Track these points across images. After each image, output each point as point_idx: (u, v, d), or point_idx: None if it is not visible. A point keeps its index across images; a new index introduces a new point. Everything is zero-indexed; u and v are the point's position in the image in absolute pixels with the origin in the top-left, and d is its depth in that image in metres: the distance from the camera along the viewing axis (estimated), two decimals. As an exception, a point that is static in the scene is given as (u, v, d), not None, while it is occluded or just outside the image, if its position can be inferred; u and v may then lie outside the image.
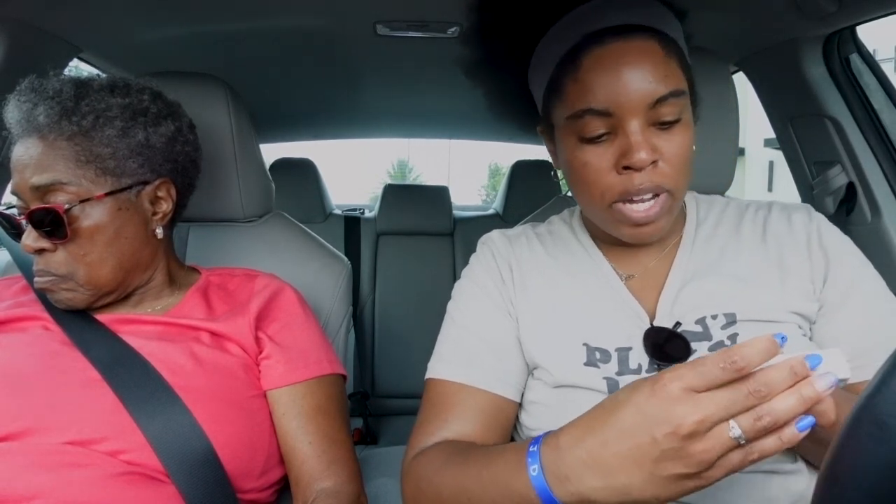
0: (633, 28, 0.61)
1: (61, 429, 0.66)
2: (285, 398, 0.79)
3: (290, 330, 0.83)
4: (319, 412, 0.80)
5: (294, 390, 0.79)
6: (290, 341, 0.82)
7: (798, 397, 0.40)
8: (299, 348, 0.82)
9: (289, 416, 0.78)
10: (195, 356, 0.75)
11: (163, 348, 0.74)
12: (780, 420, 0.40)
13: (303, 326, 0.85)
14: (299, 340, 0.83)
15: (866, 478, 0.31)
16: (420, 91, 1.79)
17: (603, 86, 0.60)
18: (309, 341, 0.84)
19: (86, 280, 0.75)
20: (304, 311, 0.87)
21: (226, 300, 0.85)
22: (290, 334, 0.83)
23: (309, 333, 0.85)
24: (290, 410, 0.79)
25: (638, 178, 0.61)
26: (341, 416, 0.83)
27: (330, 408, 0.81)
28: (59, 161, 0.71)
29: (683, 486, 0.43)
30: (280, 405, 0.79)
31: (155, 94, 0.80)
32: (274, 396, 0.79)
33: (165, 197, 0.80)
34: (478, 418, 0.68)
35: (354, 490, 0.78)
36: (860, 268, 0.68)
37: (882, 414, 0.31)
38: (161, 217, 0.80)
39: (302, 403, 0.79)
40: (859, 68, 1.18)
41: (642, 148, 0.60)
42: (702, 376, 0.42)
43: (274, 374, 0.80)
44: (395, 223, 2.20)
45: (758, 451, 0.42)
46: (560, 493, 0.48)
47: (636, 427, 0.44)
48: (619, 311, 0.70)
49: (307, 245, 1.06)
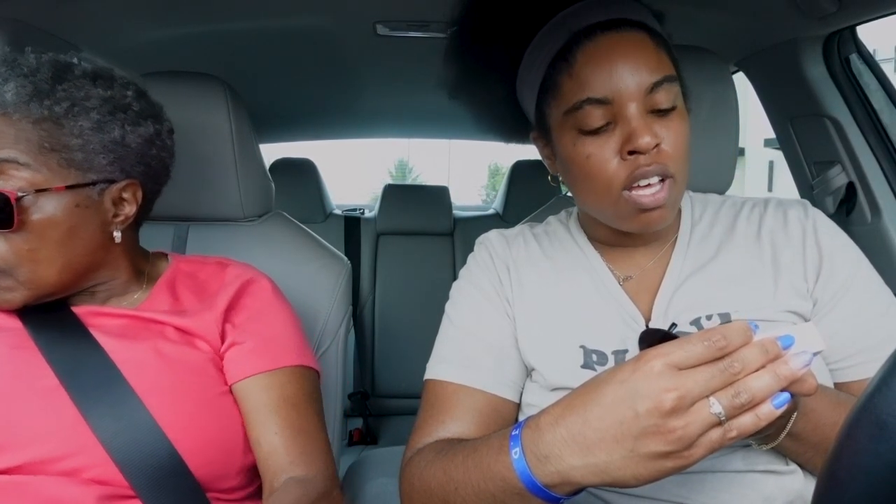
0: (621, 22, 0.63)
1: (14, 449, 0.61)
2: (250, 388, 0.75)
3: (258, 320, 0.79)
4: (286, 403, 0.75)
5: (258, 380, 0.75)
6: (257, 331, 0.78)
7: (773, 375, 0.42)
8: (266, 338, 0.78)
9: (254, 406, 0.74)
10: (161, 354, 0.71)
11: (128, 346, 0.70)
12: (757, 397, 0.42)
13: (274, 317, 0.80)
14: (267, 330, 0.79)
15: (866, 478, 0.31)
16: (420, 91, 1.79)
17: (599, 76, 0.61)
18: (278, 332, 0.80)
19: (27, 279, 0.68)
20: (277, 301, 0.83)
21: (195, 291, 0.80)
22: (257, 324, 0.78)
23: (279, 324, 0.80)
24: (256, 401, 0.74)
25: (644, 161, 0.61)
26: (312, 409, 0.78)
27: (299, 399, 0.77)
28: (21, 141, 0.65)
29: (662, 466, 0.43)
30: (245, 397, 0.74)
31: (140, 91, 0.76)
32: (238, 389, 0.75)
33: (130, 199, 0.74)
34: (476, 419, 0.68)
35: (325, 483, 0.73)
36: (856, 264, 0.68)
37: (882, 414, 0.31)
38: (122, 220, 0.74)
39: (268, 393, 0.75)
40: (859, 68, 1.18)
41: (645, 131, 0.60)
42: (685, 353, 0.43)
43: (238, 365, 0.75)
44: (395, 223, 2.19)
45: (736, 428, 0.42)
46: (540, 474, 0.48)
47: (618, 402, 0.44)
48: (615, 313, 0.70)
49: (307, 245, 1.06)
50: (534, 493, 0.49)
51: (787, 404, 0.43)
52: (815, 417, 0.55)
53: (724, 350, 0.42)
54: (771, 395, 0.42)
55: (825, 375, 0.65)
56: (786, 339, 0.43)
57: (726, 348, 0.42)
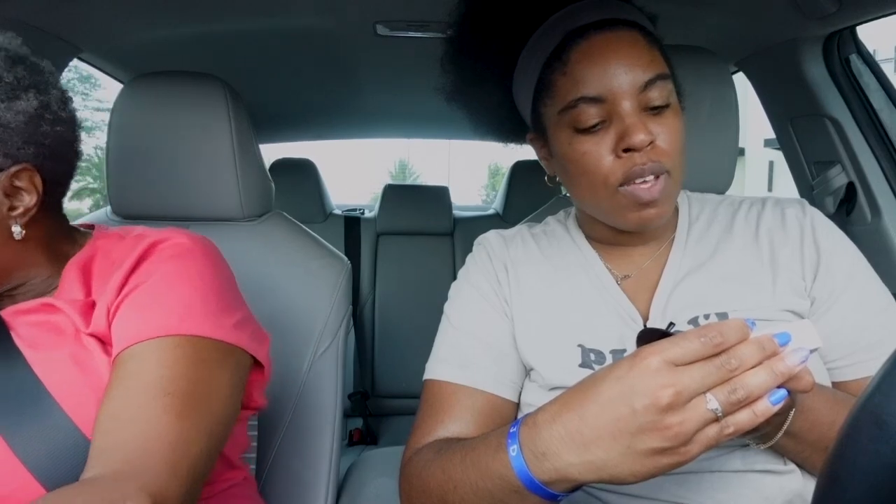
0: (614, 22, 0.63)
1: None
2: (114, 369, 0.60)
3: (139, 287, 0.63)
4: (126, 382, 0.58)
5: (122, 357, 0.59)
6: (133, 301, 0.62)
7: (770, 371, 0.42)
8: (141, 305, 0.62)
9: (108, 388, 0.58)
10: (75, 357, 0.61)
11: (46, 353, 0.61)
12: (754, 393, 0.42)
13: (161, 279, 0.63)
14: (144, 297, 0.63)
15: (866, 478, 0.31)
16: (420, 91, 1.79)
17: (593, 75, 0.62)
18: (161, 296, 0.62)
19: None
20: (179, 260, 0.66)
21: (104, 274, 0.66)
22: (137, 293, 0.63)
23: (165, 286, 0.63)
24: (112, 380, 0.59)
25: (639, 158, 0.62)
26: (175, 391, 0.58)
27: (169, 376, 0.58)
28: None
29: (659, 463, 0.43)
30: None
31: (13, 58, 0.62)
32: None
33: (27, 187, 0.62)
34: (475, 419, 0.68)
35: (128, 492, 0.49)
36: (853, 263, 0.68)
37: (882, 414, 0.31)
38: (22, 213, 0.63)
39: (126, 369, 0.58)
40: (859, 68, 1.18)
41: (640, 128, 0.61)
42: (681, 350, 0.43)
43: (114, 349, 0.61)
44: (395, 223, 2.20)
45: (733, 424, 0.42)
46: (538, 471, 0.48)
47: (615, 399, 0.44)
48: (613, 312, 0.70)
49: (307, 244, 1.06)
50: (531, 490, 0.49)
51: (784, 401, 0.43)
52: (812, 416, 0.55)
53: (720, 346, 0.42)
54: (767, 391, 0.42)
55: (823, 375, 0.65)
56: (782, 336, 0.43)
57: (722, 345, 0.42)
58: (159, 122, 0.97)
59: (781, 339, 0.43)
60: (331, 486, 0.94)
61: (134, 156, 0.97)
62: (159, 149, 0.96)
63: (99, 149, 23.73)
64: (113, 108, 0.99)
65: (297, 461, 0.94)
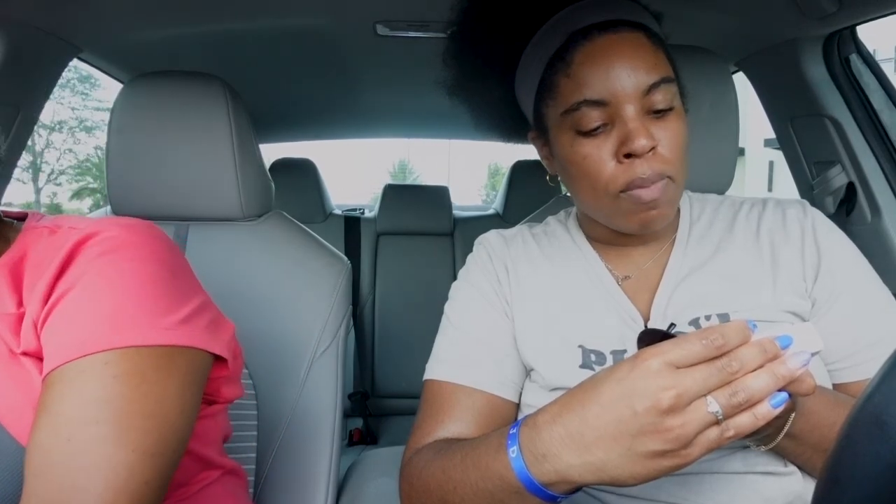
0: (618, 23, 0.63)
1: None
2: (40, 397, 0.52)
3: (68, 298, 0.54)
4: (60, 413, 0.50)
5: (46, 383, 0.52)
6: (60, 314, 0.54)
7: (771, 375, 0.42)
8: (67, 321, 0.54)
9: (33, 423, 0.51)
10: (11, 375, 0.54)
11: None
12: (755, 396, 0.42)
13: (91, 285, 0.54)
14: (73, 309, 0.54)
15: (866, 478, 0.31)
16: (420, 91, 1.79)
17: (596, 77, 0.61)
18: (93, 305, 0.54)
19: None
20: (111, 257, 0.56)
21: (33, 277, 0.58)
22: (64, 305, 0.54)
23: (98, 293, 0.54)
24: (37, 412, 0.51)
25: (640, 166, 0.61)
26: (119, 416, 0.51)
27: (96, 402, 0.51)
28: None
29: (660, 465, 0.43)
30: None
31: None
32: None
33: None
34: (475, 419, 0.68)
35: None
36: (854, 264, 0.68)
37: (882, 414, 0.31)
38: None
39: (45, 399, 0.51)
40: (859, 68, 1.18)
41: (641, 134, 0.60)
42: (683, 352, 0.43)
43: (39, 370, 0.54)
44: (395, 223, 2.20)
45: (733, 427, 0.42)
46: (538, 473, 0.48)
47: (616, 401, 0.44)
48: (614, 313, 0.69)
49: (307, 244, 1.06)
50: (531, 491, 0.48)
51: (785, 404, 0.43)
52: (813, 418, 0.55)
53: (722, 349, 0.42)
54: (769, 394, 0.42)
55: (823, 376, 0.65)
56: (784, 339, 0.43)
57: (724, 347, 0.42)
58: (159, 122, 0.96)
59: (783, 341, 0.43)
60: (331, 486, 0.94)
61: (134, 156, 0.97)
62: (159, 149, 0.96)
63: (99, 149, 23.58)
64: (113, 108, 0.99)
65: (297, 461, 0.94)
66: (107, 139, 0.98)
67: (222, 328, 0.64)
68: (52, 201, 22.85)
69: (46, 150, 21.57)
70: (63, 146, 21.99)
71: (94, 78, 20.15)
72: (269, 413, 0.94)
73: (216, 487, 0.71)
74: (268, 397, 0.94)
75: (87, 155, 22.96)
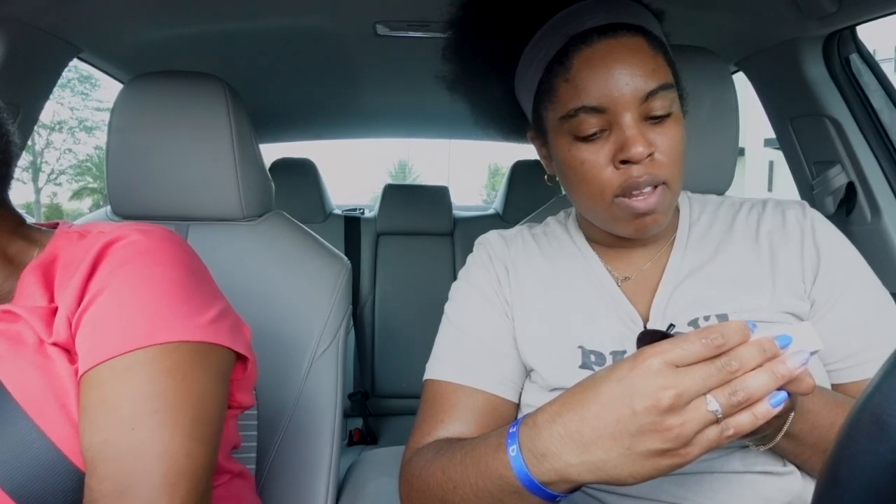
0: (618, 26, 0.62)
1: None
2: (85, 389, 0.56)
3: (101, 295, 0.58)
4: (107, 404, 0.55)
5: (87, 379, 0.56)
6: (95, 313, 0.58)
7: (770, 374, 0.42)
8: (103, 321, 0.58)
9: (85, 414, 0.55)
10: (38, 366, 0.57)
11: (5, 356, 0.57)
12: (754, 395, 0.42)
13: (123, 285, 0.59)
14: (107, 310, 0.58)
15: (866, 478, 0.31)
16: (420, 91, 1.79)
17: (594, 83, 0.61)
18: (129, 305, 0.58)
19: None
20: (139, 260, 0.61)
21: (65, 277, 0.62)
22: (100, 303, 0.58)
23: (128, 294, 0.58)
24: (87, 404, 0.56)
25: (636, 171, 0.61)
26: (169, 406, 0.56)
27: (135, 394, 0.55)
28: None
29: (659, 464, 0.43)
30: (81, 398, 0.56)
31: None
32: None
33: None
34: (475, 419, 0.68)
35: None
36: (853, 265, 0.68)
37: (882, 414, 0.31)
38: None
39: (102, 392, 0.55)
40: (859, 68, 1.18)
41: (638, 141, 0.60)
42: (682, 351, 0.43)
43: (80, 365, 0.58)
44: (395, 223, 2.20)
45: (733, 426, 0.42)
46: (537, 472, 0.48)
47: (616, 400, 0.44)
48: (613, 314, 0.69)
49: (307, 244, 1.06)
50: (531, 490, 0.48)
51: (784, 404, 0.43)
52: (812, 418, 0.55)
53: (721, 348, 0.42)
54: (768, 393, 0.42)
55: (822, 377, 0.65)
56: (783, 339, 0.43)
57: (723, 346, 0.42)
58: (159, 122, 0.97)
59: (782, 341, 0.43)
60: (331, 486, 0.94)
61: (134, 156, 0.97)
62: (159, 149, 0.96)
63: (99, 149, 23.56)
64: (113, 108, 0.99)
65: (297, 461, 0.94)
66: (107, 139, 0.98)
67: (243, 331, 0.68)
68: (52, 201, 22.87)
69: (46, 150, 21.58)
70: (63, 146, 22.02)
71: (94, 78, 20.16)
72: (270, 413, 0.94)
73: (221, 490, 0.72)
74: (268, 397, 0.94)
75: (87, 155, 22.98)
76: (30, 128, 1.19)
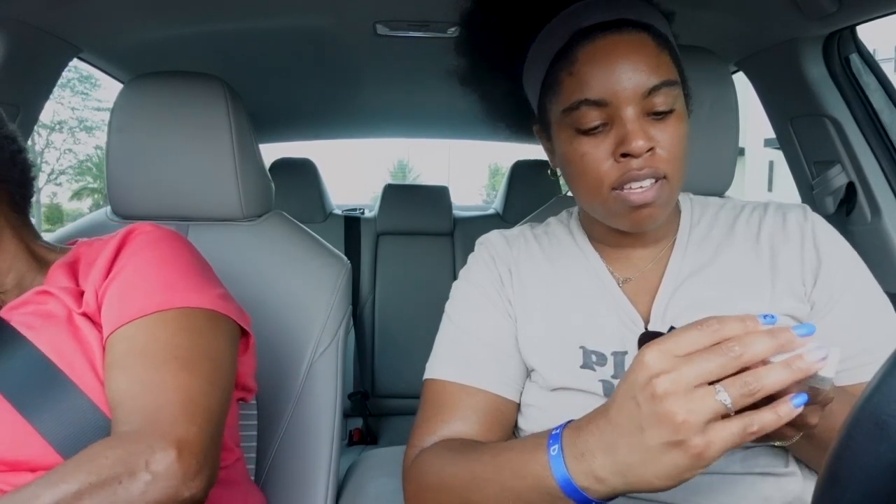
0: (623, 23, 0.63)
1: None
2: (112, 346, 0.65)
3: (124, 270, 0.69)
4: (134, 354, 0.63)
5: (115, 336, 0.65)
6: (120, 283, 0.68)
7: (786, 367, 0.41)
8: (127, 286, 0.68)
9: (113, 365, 0.64)
10: (70, 332, 0.66)
11: (41, 328, 0.66)
12: (767, 387, 0.41)
13: (142, 259, 0.70)
14: (130, 278, 0.68)
15: (866, 478, 0.31)
16: (420, 91, 1.79)
17: (597, 77, 0.61)
18: (144, 275, 0.68)
19: None
20: (155, 243, 0.72)
21: (88, 267, 0.72)
22: (122, 276, 0.68)
23: (149, 265, 0.69)
24: (115, 357, 0.64)
25: (636, 164, 0.62)
26: (189, 354, 0.64)
27: (158, 347, 0.64)
28: None
29: (677, 461, 0.42)
30: (108, 356, 0.65)
31: None
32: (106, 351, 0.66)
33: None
34: (477, 418, 0.68)
35: (149, 445, 0.55)
36: (853, 268, 0.68)
37: (882, 414, 0.31)
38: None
39: (131, 344, 0.64)
40: (859, 68, 1.18)
41: (639, 135, 0.60)
42: (679, 339, 0.43)
43: (105, 329, 0.66)
44: (395, 223, 2.20)
45: (757, 423, 0.41)
46: (575, 471, 0.48)
47: (624, 397, 0.45)
48: (614, 315, 0.70)
49: (307, 244, 1.06)
50: (567, 493, 0.48)
51: (806, 405, 0.42)
52: (832, 419, 0.54)
53: (718, 332, 0.42)
54: (782, 386, 0.41)
55: None
56: (806, 327, 0.42)
57: (720, 331, 0.42)
58: (159, 121, 0.97)
59: (805, 329, 0.42)
60: (331, 486, 0.94)
61: (134, 156, 0.97)
62: (159, 149, 0.97)
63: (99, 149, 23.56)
64: (113, 108, 0.99)
65: (297, 461, 0.94)
66: (107, 139, 0.98)
67: (245, 313, 0.76)
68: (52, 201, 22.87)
69: (46, 150, 21.59)
70: (63, 146, 22.03)
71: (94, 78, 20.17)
72: (269, 413, 0.94)
73: (230, 472, 0.76)
74: (268, 397, 0.94)
75: (87, 155, 22.99)
76: (30, 128, 1.19)
